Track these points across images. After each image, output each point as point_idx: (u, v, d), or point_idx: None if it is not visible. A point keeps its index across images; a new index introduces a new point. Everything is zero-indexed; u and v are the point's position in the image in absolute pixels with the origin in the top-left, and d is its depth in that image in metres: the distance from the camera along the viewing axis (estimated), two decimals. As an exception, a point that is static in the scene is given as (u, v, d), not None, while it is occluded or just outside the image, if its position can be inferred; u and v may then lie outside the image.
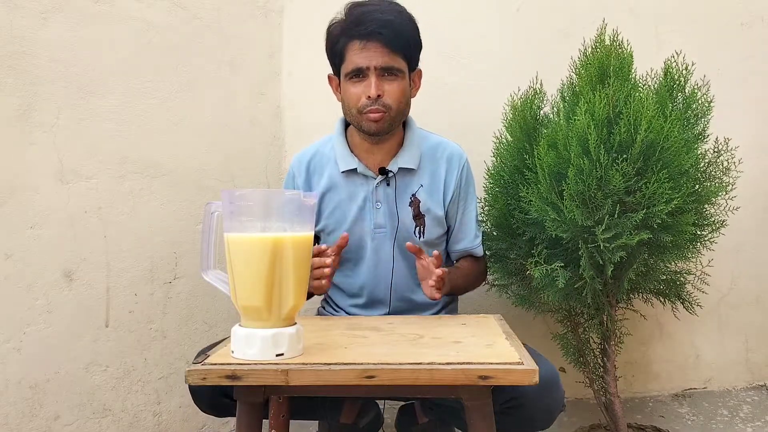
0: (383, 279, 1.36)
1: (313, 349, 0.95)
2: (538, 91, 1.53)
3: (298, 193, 0.89)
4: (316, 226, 1.37)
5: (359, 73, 1.26)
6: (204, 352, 0.95)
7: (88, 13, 1.42)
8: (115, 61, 1.47)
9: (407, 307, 1.38)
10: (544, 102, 1.54)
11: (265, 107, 1.87)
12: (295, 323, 0.91)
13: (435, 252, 1.21)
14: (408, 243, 1.23)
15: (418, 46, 1.31)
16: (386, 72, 1.25)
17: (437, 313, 1.41)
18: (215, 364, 0.86)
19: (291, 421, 1.10)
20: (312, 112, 1.92)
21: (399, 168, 1.34)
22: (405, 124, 1.38)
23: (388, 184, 1.34)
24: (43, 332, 1.34)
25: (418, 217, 1.35)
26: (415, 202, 1.35)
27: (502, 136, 1.58)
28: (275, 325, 0.87)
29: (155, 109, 1.56)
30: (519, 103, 1.52)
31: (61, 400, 1.37)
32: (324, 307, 1.47)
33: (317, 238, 1.40)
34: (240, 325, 0.89)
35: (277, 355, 0.86)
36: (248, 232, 0.86)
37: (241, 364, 0.86)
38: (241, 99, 1.80)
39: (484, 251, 1.47)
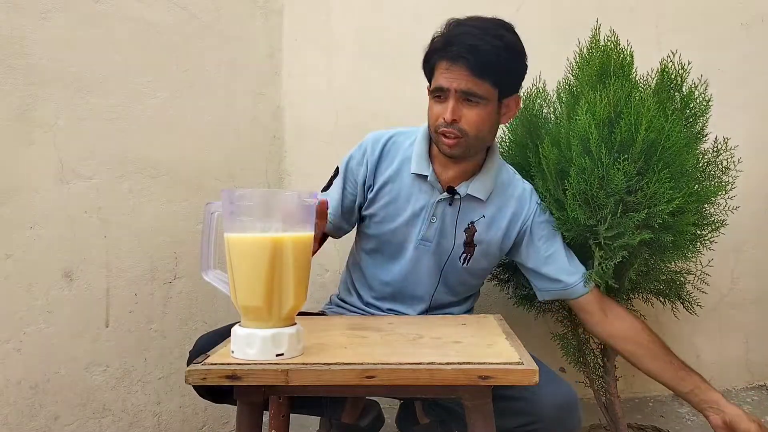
0: (419, 287, 1.36)
1: (313, 349, 0.94)
2: (540, 90, 1.53)
3: (297, 194, 0.89)
4: (368, 209, 1.34)
5: (441, 94, 1.22)
6: (202, 352, 0.95)
7: (88, 13, 1.42)
8: (115, 61, 1.47)
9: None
10: (546, 100, 1.54)
11: (265, 107, 1.87)
12: (295, 323, 0.91)
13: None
14: None
15: (511, 72, 1.24)
16: (467, 97, 1.20)
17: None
18: (215, 364, 0.86)
19: (291, 416, 1.10)
20: (312, 112, 1.92)
21: (467, 194, 1.29)
22: (489, 149, 1.33)
23: (450, 204, 1.30)
24: (43, 332, 1.34)
25: (470, 245, 1.31)
26: (471, 230, 1.31)
27: (504, 135, 1.59)
28: (275, 325, 0.87)
29: (155, 109, 1.56)
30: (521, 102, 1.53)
31: (61, 400, 1.37)
32: (336, 305, 1.47)
33: (363, 219, 1.38)
34: (240, 325, 0.89)
35: (277, 355, 0.86)
36: (248, 232, 0.86)
37: (241, 364, 0.86)
38: (241, 99, 1.80)
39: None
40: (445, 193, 1.29)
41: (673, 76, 1.37)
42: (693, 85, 1.38)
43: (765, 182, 1.90)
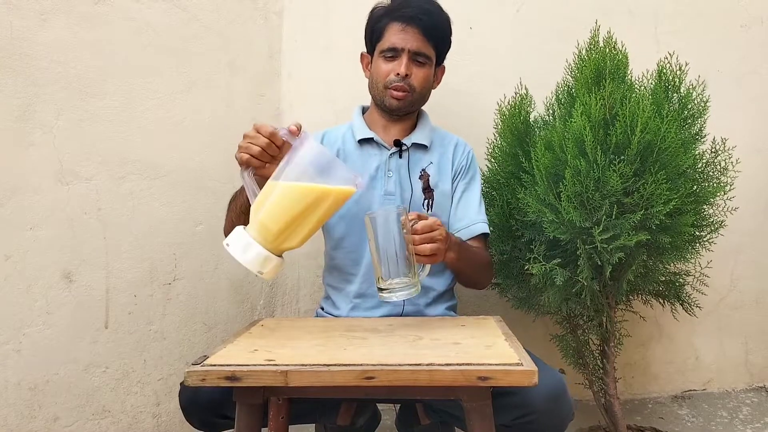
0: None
1: (313, 350, 0.94)
2: (524, 97, 1.54)
3: (354, 175, 1.01)
4: None
5: (393, 53, 1.35)
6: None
7: (88, 14, 1.42)
8: (115, 62, 1.48)
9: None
10: (533, 106, 1.55)
11: (265, 108, 1.87)
12: (282, 257, 1.01)
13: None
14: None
15: (447, 42, 1.41)
16: (417, 57, 1.35)
17: (440, 296, 1.41)
18: (214, 365, 0.86)
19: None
20: (311, 113, 1.92)
21: (413, 143, 1.42)
22: (418, 112, 1.48)
23: (400, 157, 1.41)
24: (42, 333, 1.34)
25: (428, 190, 1.41)
26: (424, 176, 1.41)
27: (496, 140, 1.59)
28: (271, 250, 0.98)
29: (155, 110, 1.56)
30: (506, 111, 1.53)
31: (61, 402, 1.37)
32: (323, 307, 1.47)
33: None
34: (245, 229, 0.99)
35: (257, 273, 0.97)
36: (301, 181, 0.99)
37: (241, 365, 0.86)
38: (241, 100, 1.80)
39: (489, 245, 1.47)
40: (394, 147, 1.41)
41: (670, 78, 1.38)
42: (691, 86, 1.38)
43: (764, 183, 1.90)
